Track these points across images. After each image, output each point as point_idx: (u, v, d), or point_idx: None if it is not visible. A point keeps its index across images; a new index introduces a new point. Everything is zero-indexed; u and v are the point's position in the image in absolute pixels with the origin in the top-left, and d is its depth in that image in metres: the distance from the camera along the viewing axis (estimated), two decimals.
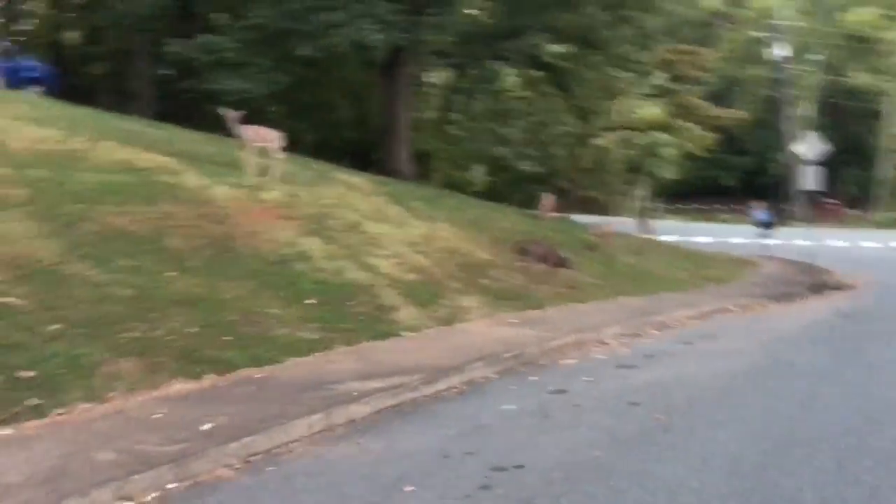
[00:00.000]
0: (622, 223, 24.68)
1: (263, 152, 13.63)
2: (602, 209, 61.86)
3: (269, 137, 13.75)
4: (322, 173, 16.26)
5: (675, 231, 34.26)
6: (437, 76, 34.63)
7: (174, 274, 9.12)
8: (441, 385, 7.64)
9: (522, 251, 14.17)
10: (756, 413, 6.67)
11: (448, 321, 10.69)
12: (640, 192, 64.62)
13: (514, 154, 32.74)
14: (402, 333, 9.76)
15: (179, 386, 6.87)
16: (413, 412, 6.83)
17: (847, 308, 14.61)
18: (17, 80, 19.09)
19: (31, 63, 20.32)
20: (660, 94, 24.25)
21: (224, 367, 7.47)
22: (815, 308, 14.73)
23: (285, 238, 11.50)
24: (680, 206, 62.48)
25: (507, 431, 6.24)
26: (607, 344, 10.39)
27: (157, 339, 7.60)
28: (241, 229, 11.16)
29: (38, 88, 19.54)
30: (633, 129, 27.88)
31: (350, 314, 9.94)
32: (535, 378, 8.25)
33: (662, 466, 5.29)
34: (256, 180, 13.16)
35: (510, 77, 31.01)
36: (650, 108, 25.78)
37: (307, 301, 9.90)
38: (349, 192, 15.10)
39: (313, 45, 18.70)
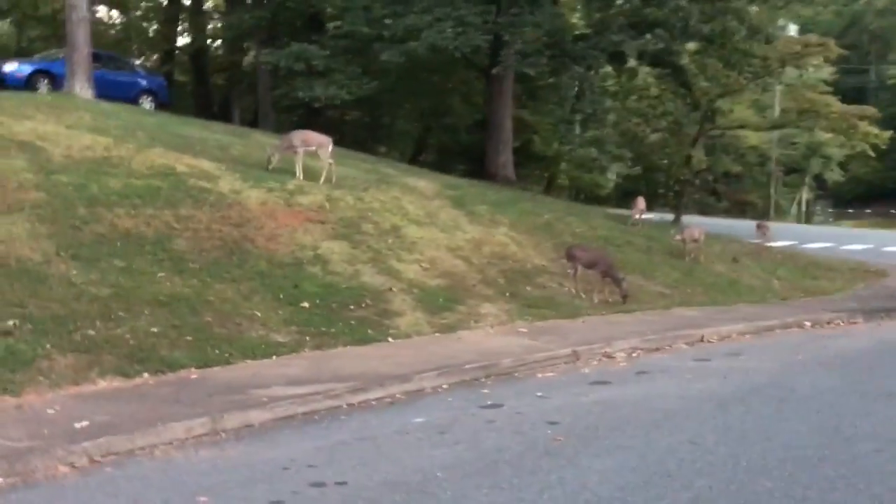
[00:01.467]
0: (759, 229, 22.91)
1: (314, 156, 13.92)
2: (760, 213, 58.54)
3: (318, 141, 14.02)
4: (384, 177, 16.37)
5: (830, 238, 31.73)
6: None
7: (164, 275, 9.49)
8: (374, 394, 7.45)
9: (569, 256, 13.55)
10: (666, 443, 6.01)
11: (452, 328, 10.42)
12: (804, 194, 60.56)
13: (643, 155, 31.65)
14: (390, 339, 9.62)
15: (106, 384, 7.12)
16: (315, 421, 6.71)
17: None
18: (131, 92, 20.62)
19: (145, 75, 21.87)
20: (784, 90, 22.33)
21: (165, 366, 7.66)
22: None
23: (307, 241, 11.69)
24: (854, 210, 57.92)
25: (382, 446, 5.98)
26: (613, 357, 9.76)
27: (112, 337, 7.92)
28: (261, 232, 11.46)
29: (149, 99, 21.04)
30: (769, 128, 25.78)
31: (343, 319, 9.92)
32: (487, 391, 7.88)
33: (492, 495, 4.88)
34: (299, 184, 13.47)
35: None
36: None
37: (303, 304, 9.99)
38: (404, 196, 15.10)
39: (396, 50, 18.90)
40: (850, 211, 55.22)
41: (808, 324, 12.93)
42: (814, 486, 5.03)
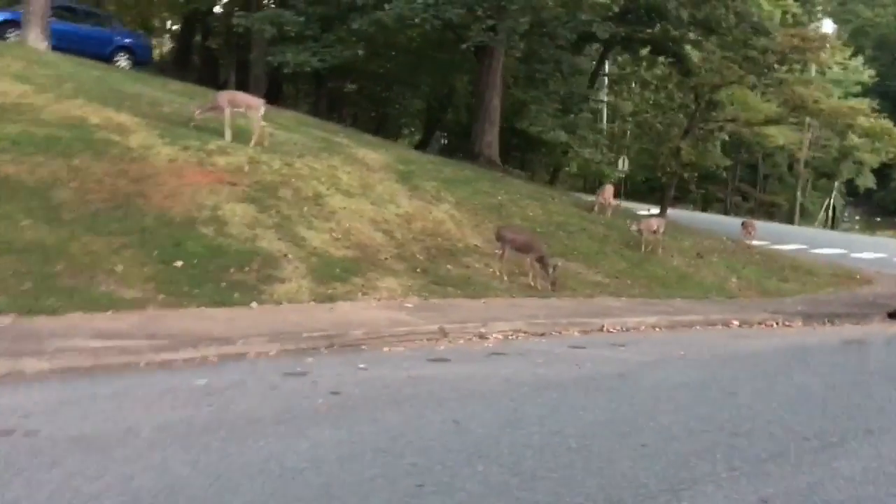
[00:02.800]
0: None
1: (244, 117, 13.65)
2: (786, 216, 57.06)
3: (247, 103, 13.73)
4: (332, 146, 16.03)
5: (843, 244, 30.64)
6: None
7: (29, 222, 9.31)
8: (182, 354, 7.16)
9: (498, 237, 13.09)
10: (427, 421, 5.60)
11: (332, 299, 10.07)
12: (833, 200, 58.77)
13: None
14: (253, 305, 9.31)
15: None
16: (93, 375, 6.43)
17: (876, 337, 12.21)
18: (106, 48, 20.53)
19: (124, 32, 21.74)
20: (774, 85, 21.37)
21: None
22: (842, 333, 12.42)
23: (209, 202, 11.42)
24: (882, 218, 56.18)
25: (124, 403, 5.66)
26: (485, 338, 9.34)
27: None
28: (159, 189, 11.22)
29: (125, 56, 20.94)
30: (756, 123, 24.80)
31: (215, 281, 9.64)
32: (311, 360, 7.53)
33: (169, 459, 4.55)
34: (223, 145, 13.21)
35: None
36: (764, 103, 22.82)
37: (176, 263, 9.74)
38: (343, 166, 14.75)
39: (367, 18, 18.50)
40: (878, 220, 53.50)
41: (735, 323, 12.34)
42: (529, 473, 4.61)
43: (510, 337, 9.58)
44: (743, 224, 23.03)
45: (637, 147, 38.89)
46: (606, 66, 33.98)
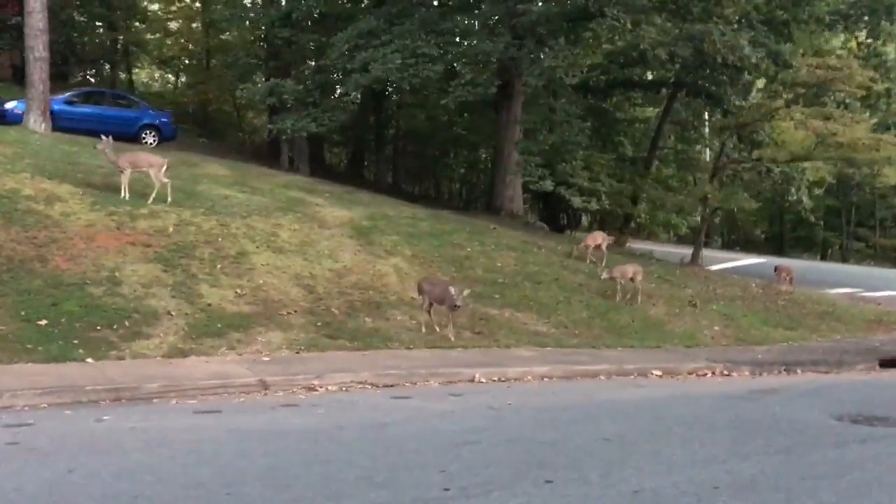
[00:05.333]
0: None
1: (149, 176, 14.12)
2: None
3: (148, 162, 14.21)
4: (293, 205, 16.32)
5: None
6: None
7: None
8: None
9: (419, 290, 12.79)
10: (49, 473, 5.46)
11: (186, 354, 10.08)
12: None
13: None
14: (88, 361, 9.41)
15: None
16: None
17: (805, 387, 10.85)
18: (133, 127, 21.99)
19: (151, 112, 23.20)
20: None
21: None
22: (768, 383, 11.14)
23: (111, 263, 11.82)
24: None
25: None
26: (314, 390, 9.09)
27: None
28: (62, 253, 11.75)
29: (152, 133, 22.33)
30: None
31: (71, 338, 9.85)
32: (70, 412, 7.55)
33: None
34: (156, 208, 13.72)
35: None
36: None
37: (40, 322, 10.10)
38: (290, 224, 14.98)
39: (352, 82, 18.88)
40: None
41: (656, 372, 11.42)
42: None
43: (345, 388, 9.26)
44: (776, 269, 21.43)
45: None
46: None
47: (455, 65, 18.90)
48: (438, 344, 11.96)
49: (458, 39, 18.71)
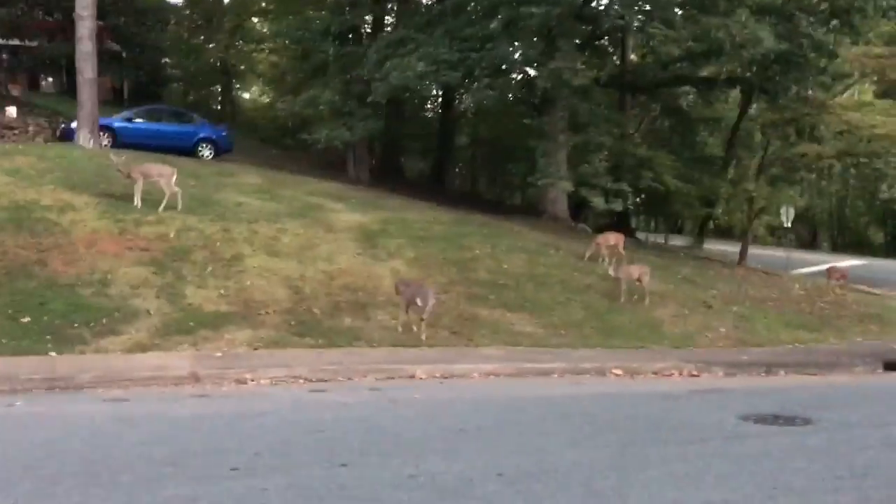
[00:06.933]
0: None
1: (159, 185, 15.01)
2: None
3: (157, 172, 15.08)
4: (305, 210, 16.92)
5: None
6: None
7: None
8: None
9: (396, 291, 13.05)
10: None
11: (146, 349, 10.72)
12: None
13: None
14: (52, 354, 10.19)
15: None
16: None
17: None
18: (189, 141, 23.33)
19: (208, 127, 24.45)
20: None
21: None
22: (707, 384, 10.79)
23: (107, 266, 12.70)
24: None
25: None
26: (244, 383, 9.53)
27: None
28: (63, 258, 12.72)
29: (208, 147, 23.60)
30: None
31: (44, 334, 10.68)
32: None
33: None
34: (162, 215, 14.62)
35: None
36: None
37: (23, 319, 11.03)
38: (297, 229, 15.56)
39: (378, 90, 19.38)
40: None
41: (617, 371, 11.25)
42: None
43: (276, 382, 9.63)
44: (828, 270, 20.46)
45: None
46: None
47: (476, 70, 19.07)
48: (407, 343, 12.16)
49: (479, 45, 18.85)
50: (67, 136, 21.44)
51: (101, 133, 21.81)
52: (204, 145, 23.52)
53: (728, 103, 31.47)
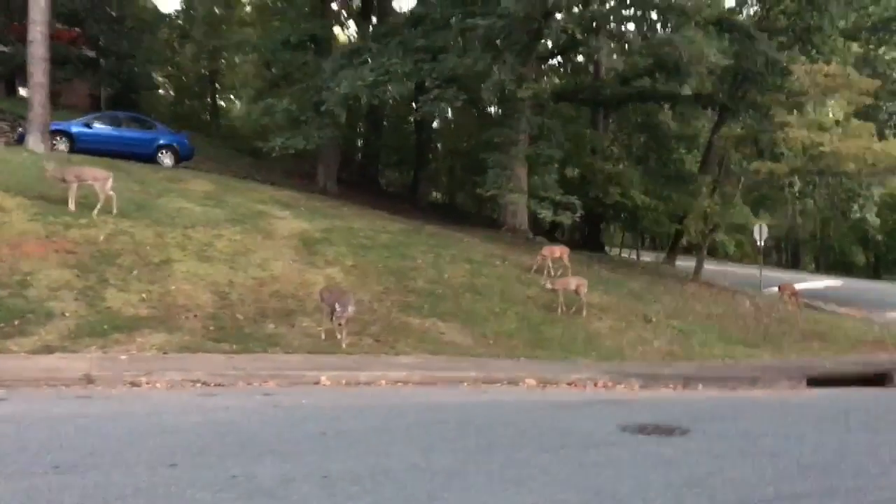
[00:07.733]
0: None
1: (94, 189, 14.92)
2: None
3: (92, 176, 14.99)
4: (248, 217, 16.85)
5: None
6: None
7: None
8: None
9: (320, 298, 12.99)
10: None
11: (51, 351, 10.57)
12: None
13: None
14: None
15: None
16: None
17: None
18: (149, 148, 23.26)
19: (168, 133, 24.35)
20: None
21: None
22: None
23: (27, 268, 12.59)
24: None
25: None
26: (138, 385, 9.43)
27: None
28: None
29: (168, 154, 23.53)
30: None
31: None
32: None
33: None
34: (95, 218, 14.54)
35: None
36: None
37: None
38: (235, 235, 15.50)
39: (332, 99, 19.37)
40: None
41: (531, 381, 11.15)
42: None
43: (172, 386, 9.53)
44: (779, 287, 20.48)
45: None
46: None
47: (426, 81, 19.08)
48: (327, 350, 12.08)
49: (431, 57, 18.87)
50: (21, 140, 21.38)
51: (59, 138, 21.77)
52: (164, 152, 23.43)
53: (704, 121, 31.55)
